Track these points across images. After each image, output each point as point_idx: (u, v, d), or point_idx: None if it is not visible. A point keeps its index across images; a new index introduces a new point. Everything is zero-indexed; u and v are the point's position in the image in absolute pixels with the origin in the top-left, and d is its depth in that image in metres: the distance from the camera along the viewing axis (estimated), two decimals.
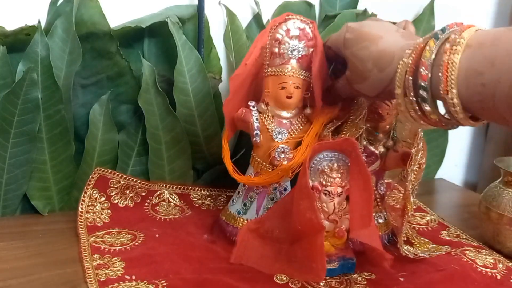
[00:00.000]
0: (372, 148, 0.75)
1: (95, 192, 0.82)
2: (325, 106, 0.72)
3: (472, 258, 0.75)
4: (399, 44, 0.58)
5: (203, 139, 0.91)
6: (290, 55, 0.72)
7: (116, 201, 0.84)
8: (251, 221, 0.74)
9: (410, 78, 0.54)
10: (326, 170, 0.65)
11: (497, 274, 0.72)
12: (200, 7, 0.88)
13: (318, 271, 0.62)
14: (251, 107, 0.74)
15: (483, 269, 0.72)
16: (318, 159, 0.65)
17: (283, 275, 0.67)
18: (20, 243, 0.73)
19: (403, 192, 0.76)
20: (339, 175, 0.65)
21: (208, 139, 0.91)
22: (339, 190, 0.65)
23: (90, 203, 0.81)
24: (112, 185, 0.84)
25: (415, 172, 0.72)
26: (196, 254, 0.71)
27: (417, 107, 0.55)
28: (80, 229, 0.76)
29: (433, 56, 0.52)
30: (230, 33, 0.93)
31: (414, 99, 0.54)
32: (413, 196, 0.74)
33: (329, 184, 0.65)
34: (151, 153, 0.88)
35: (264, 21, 0.96)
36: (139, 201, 0.85)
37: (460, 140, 1.25)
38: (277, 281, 0.66)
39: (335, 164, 0.65)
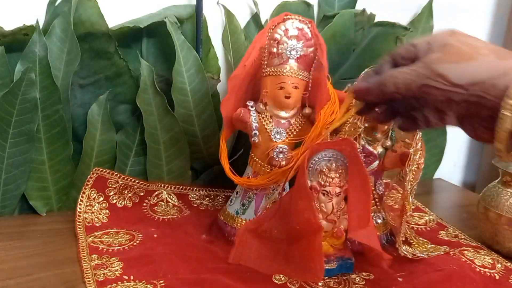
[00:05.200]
0: (370, 148, 0.75)
1: (93, 192, 0.82)
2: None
3: (471, 258, 0.75)
4: None
5: (201, 139, 0.91)
6: (288, 55, 0.72)
7: (115, 201, 0.83)
8: (250, 221, 0.74)
9: None
10: (324, 170, 0.65)
11: (495, 274, 0.72)
12: (198, 7, 0.88)
13: (316, 271, 0.62)
14: (249, 107, 0.74)
15: (482, 269, 0.72)
16: (317, 159, 0.65)
17: (281, 275, 0.67)
18: (18, 243, 0.73)
19: (401, 192, 0.76)
20: (338, 175, 0.65)
21: (207, 139, 0.91)
22: (338, 190, 0.65)
23: (88, 203, 0.81)
24: (110, 185, 0.84)
25: (414, 172, 0.72)
26: (194, 254, 0.71)
27: None
28: (79, 229, 0.76)
29: None
30: (228, 33, 0.93)
31: None
32: (411, 196, 0.74)
33: (327, 184, 0.65)
34: (149, 153, 0.88)
35: (263, 21, 0.96)
36: (137, 201, 0.85)
37: (458, 140, 1.25)
38: (276, 281, 0.66)
39: (334, 164, 0.65)
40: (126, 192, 0.85)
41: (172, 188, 0.89)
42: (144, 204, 0.85)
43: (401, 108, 0.55)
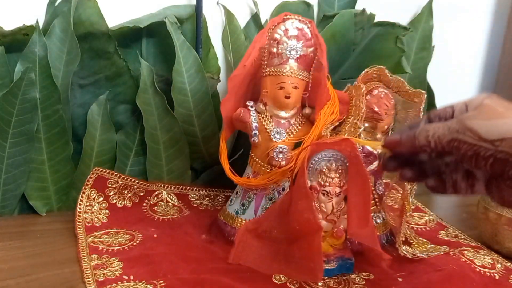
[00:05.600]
0: (370, 148, 0.75)
1: (93, 192, 0.82)
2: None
3: (471, 258, 0.75)
4: None
5: (201, 139, 0.91)
6: (288, 55, 0.72)
7: (114, 201, 0.83)
8: (249, 221, 0.74)
9: None
10: (324, 170, 0.65)
11: (495, 274, 0.72)
12: (198, 7, 0.88)
13: (316, 271, 0.62)
14: (249, 107, 0.74)
15: (482, 269, 0.72)
16: (317, 159, 0.65)
17: (281, 275, 0.67)
18: (18, 243, 0.72)
19: (401, 192, 0.76)
20: (338, 175, 0.65)
21: (206, 139, 0.91)
22: (338, 190, 0.65)
23: (88, 203, 0.81)
24: (110, 185, 0.84)
25: None
26: (194, 254, 0.71)
27: None
28: (78, 229, 0.76)
29: None
30: (228, 33, 0.93)
31: None
32: (411, 196, 0.74)
33: (327, 184, 0.65)
34: (149, 153, 0.88)
35: (262, 21, 0.96)
36: (137, 201, 0.85)
37: None
38: (275, 281, 0.66)
39: (334, 164, 0.65)
40: (126, 192, 0.85)
41: (172, 188, 0.89)
42: (144, 204, 0.85)
43: (431, 169, 0.56)
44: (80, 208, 0.80)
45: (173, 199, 0.88)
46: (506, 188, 0.49)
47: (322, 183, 0.65)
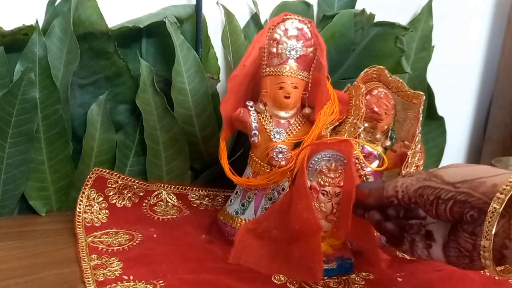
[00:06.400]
0: (370, 148, 0.75)
1: (93, 192, 0.82)
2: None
3: None
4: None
5: (201, 139, 0.91)
6: (288, 55, 0.72)
7: (114, 201, 0.83)
8: (249, 221, 0.74)
9: None
10: (324, 170, 0.65)
11: None
12: (198, 7, 0.88)
13: (315, 271, 0.62)
14: (249, 107, 0.74)
15: None
16: (316, 159, 0.65)
17: (281, 276, 0.67)
18: (18, 243, 0.72)
19: None
20: (337, 175, 0.65)
21: (206, 139, 0.91)
22: (337, 190, 0.65)
23: (88, 203, 0.81)
24: (110, 185, 0.84)
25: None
26: (194, 254, 0.71)
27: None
28: (78, 229, 0.76)
29: None
30: (228, 33, 0.93)
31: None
32: None
33: (327, 184, 0.65)
34: (149, 153, 0.88)
35: (262, 21, 0.96)
36: (137, 201, 0.85)
37: (458, 140, 1.25)
38: (275, 281, 0.66)
39: (333, 164, 0.65)
40: (125, 192, 0.85)
41: (172, 188, 0.89)
42: (144, 204, 0.85)
43: (394, 223, 0.58)
44: (79, 208, 0.80)
45: (173, 199, 0.88)
46: (464, 241, 0.50)
47: (322, 183, 0.65)
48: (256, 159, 0.75)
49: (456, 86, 1.20)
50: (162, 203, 0.87)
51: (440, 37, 1.12)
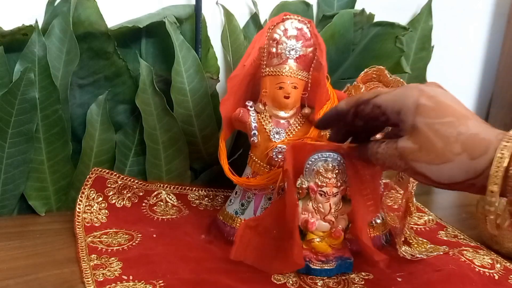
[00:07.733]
0: None
1: (92, 192, 0.82)
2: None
3: (470, 258, 0.75)
4: (493, 132, 0.49)
5: (200, 139, 0.91)
6: (287, 55, 0.72)
7: (114, 201, 0.83)
8: (250, 218, 0.74)
9: None
10: (321, 170, 0.65)
11: (495, 274, 0.72)
12: (197, 7, 0.88)
13: (295, 257, 0.62)
14: (248, 107, 0.74)
15: (481, 269, 0.72)
16: (313, 159, 0.65)
17: (281, 276, 0.67)
18: (17, 243, 0.72)
19: (401, 192, 0.76)
20: (334, 176, 0.65)
21: (206, 139, 0.91)
22: (335, 190, 0.65)
23: (87, 203, 0.81)
24: (109, 185, 0.84)
25: None
26: (193, 254, 0.71)
27: None
28: (78, 229, 0.76)
29: None
30: (227, 33, 0.93)
31: None
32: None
33: (324, 184, 0.65)
34: (148, 153, 0.88)
35: (262, 21, 0.96)
36: (136, 201, 0.85)
37: None
38: (275, 281, 0.66)
39: (330, 165, 0.65)
40: (125, 192, 0.85)
41: (171, 188, 0.89)
42: (143, 204, 0.85)
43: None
44: (79, 208, 0.80)
45: (173, 199, 0.88)
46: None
47: (319, 183, 0.65)
48: (256, 159, 0.75)
49: (455, 86, 1.19)
50: (162, 203, 0.87)
51: (440, 37, 1.12)
